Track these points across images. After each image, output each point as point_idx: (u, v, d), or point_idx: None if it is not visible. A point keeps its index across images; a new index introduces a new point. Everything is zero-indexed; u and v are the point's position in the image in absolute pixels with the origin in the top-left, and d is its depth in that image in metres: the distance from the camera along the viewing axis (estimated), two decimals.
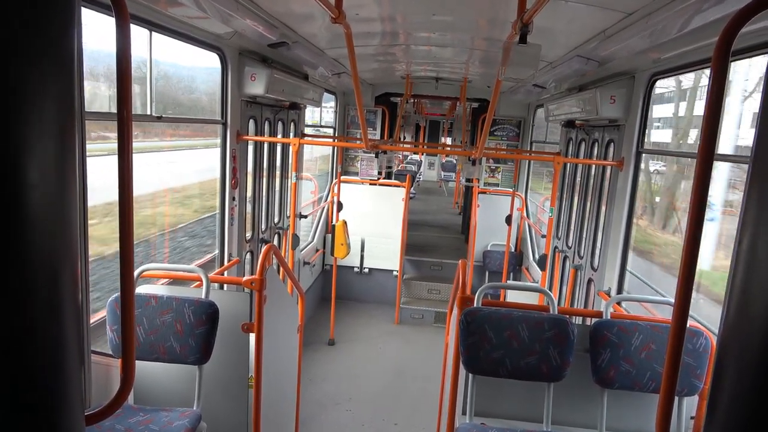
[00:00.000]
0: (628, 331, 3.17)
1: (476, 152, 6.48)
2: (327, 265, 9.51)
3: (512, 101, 9.77)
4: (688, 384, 3.09)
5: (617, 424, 3.39)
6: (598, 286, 5.58)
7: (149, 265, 3.47)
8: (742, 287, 1.19)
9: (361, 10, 4.50)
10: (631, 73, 4.97)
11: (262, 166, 6.45)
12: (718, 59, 1.45)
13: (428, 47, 6.29)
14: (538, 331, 3.20)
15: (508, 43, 3.02)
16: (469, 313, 3.22)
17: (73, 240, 1.21)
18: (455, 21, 4.94)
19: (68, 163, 1.17)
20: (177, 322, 3.19)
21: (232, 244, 5.41)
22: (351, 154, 10.53)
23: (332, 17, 3.28)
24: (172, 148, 18.73)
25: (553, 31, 4.56)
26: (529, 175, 10.04)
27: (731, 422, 1.20)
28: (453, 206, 19.23)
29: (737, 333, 1.19)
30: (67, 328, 1.21)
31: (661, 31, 3.39)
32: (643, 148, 4.93)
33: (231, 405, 3.65)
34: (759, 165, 1.16)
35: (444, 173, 25.50)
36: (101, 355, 3.35)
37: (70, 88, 1.17)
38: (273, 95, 5.51)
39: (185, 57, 10.04)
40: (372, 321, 8.85)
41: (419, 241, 11.43)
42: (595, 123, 6.02)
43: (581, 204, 6.64)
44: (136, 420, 2.99)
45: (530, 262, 8.80)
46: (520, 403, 3.50)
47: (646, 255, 11.26)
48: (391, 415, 5.96)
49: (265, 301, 3.36)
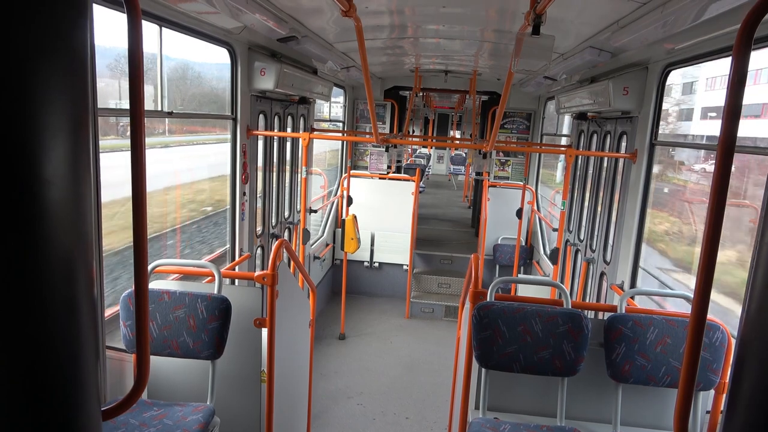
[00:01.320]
0: (643, 325, 3.14)
1: (487, 145, 6.43)
2: (337, 260, 9.52)
3: (522, 94, 9.69)
4: (704, 378, 3.05)
5: (632, 418, 3.36)
6: (610, 280, 5.53)
7: (162, 261, 3.48)
8: (765, 282, 1.16)
9: (371, 3, 4.47)
10: (644, 64, 4.90)
11: (272, 161, 6.45)
12: (739, 47, 1.42)
13: (437, 40, 6.24)
14: (552, 326, 3.17)
15: (521, 34, 2.98)
16: (481, 307, 3.21)
17: (87, 236, 1.21)
18: (465, 13, 4.90)
19: (82, 159, 1.17)
20: (190, 317, 3.20)
21: (243, 239, 5.42)
22: (360, 149, 10.51)
23: (342, 11, 3.26)
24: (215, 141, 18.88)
25: (566, 21, 4.50)
26: (539, 168, 9.97)
27: (752, 416, 1.18)
28: (462, 200, 19.18)
29: (759, 327, 1.17)
30: (83, 323, 1.21)
31: (676, 20, 3.33)
32: (657, 140, 4.86)
33: (244, 399, 3.66)
34: None
35: (453, 167, 25.40)
36: (115, 350, 3.37)
37: (83, 84, 1.17)
38: (282, 90, 5.50)
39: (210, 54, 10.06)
40: (383, 315, 8.86)
41: (429, 235, 11.40)
42: (608, 115, 5.96)
43: (593, 197, 6.58)
44: (150, 415, 3.01)
45: (541, 255, 8.75)
46: (533, 397, 3.48)
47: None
48: (403, 408, 5.97)
49: (277, 296, 3.37)
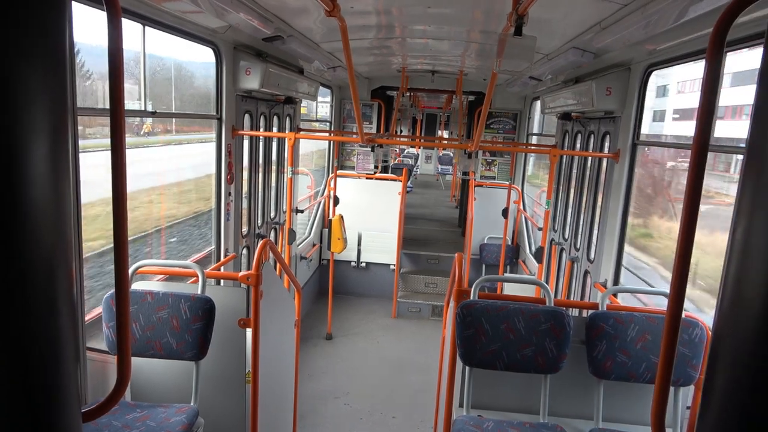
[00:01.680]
0: (624, 323, 3.18)
1: (472, 145, 6.47)
2: (324, 260, 9.51)
3: (508, 94, 9.76)
4: (683, 374, 3.10)
5: (614, 414, 3.40)
6: (594, 278, 5.60)
7: (145, 261, 3.46)
8: (737, 277, 1.19)
9: (356, 3, 4.48)
10: (626, 65, 4.97)
11: (258, 161, 6.43)
12: (712, 50, 1.45)
13: (424, 40, 6.27)
14: (535, 324, 3.21)
15: (503, 35, 3.01)
16: (465, 306, 3.23)
17: (67, 236, 1.21)
18: (451, 13, 4.92)
19: (62, 159, 1.17)
20: (173, 318, 3.19)
21: (229, 240, 5.40)
22: (347, 149, 10.51)
23: (327, 10, 3.27)
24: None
25: (549, 22, 4.54)
26: (525, 168, 10.04)
27: (726, 411, 1.20)
28: (450, 199, 19.24)
29: (732, 322, 1.20)
30: (62, 324, 1.20)
31: (657, 21, 3.38)
32: (639, 140, 4.93)
33: (228, 400, 3.65)
34: (753, 155, 1.16)
35: (441, 166, 25.50)
36: (98, 352, 3.34)
37: (62, 84, 1.16)
38: (268, 89, 5.48)
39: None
40: (370, 315, 8.87)
41: (416, 235, 11.44)
42: (591, 115, 6.02)
43: (577, 196, 6.65)
44: (133, 416, 2.99)
45: (527, 254, 8.81)
46: (516, 394, 3.52)
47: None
48: (390, 408, 5.98)
49: (261, 296, 3.36)
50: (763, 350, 1.11)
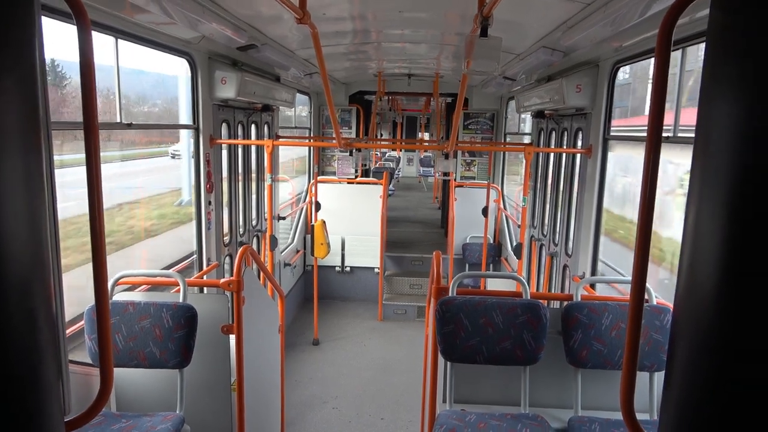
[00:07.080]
0: (598, 312, 3.27)
1: (449, 146, 6.56)
2: (308, 266, 9.52)
3: (485, 94, 9.88)
4: (657, 359, 3.19)
5: (592, 402, 3.49)
6: (572, 272, 5.70)
7: (125, 272, 3.46)
8: (690, 262, 1.26)
9: (329, 10, 4.53)
10: (595, 62, 5.09)
11: (237, 169, 6.44)
12: (660, 48, 1.53)
13: (401, 44, 6.35)
14: (512, 317, 3.28)
15: (470, 37, 3.09)
16: (444, 302, 3.29)
17: (43, 251, 1.23)
18: (425, 17, 5.00)
19: (35, 175, 1.19)
20: (155, 327, 3.20)
21: (210, 249, 5.40)
22: (328, 154, 10.55)
23: (297, 18, 3.31)
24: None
25: (519, 23, 4.65)
26: (504, 167, 10.16)
27: (685, 393, 1.27)
28: (432, 201, 19.34)
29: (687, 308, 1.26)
30: (42, 338, 1.22)
31: (621, 18, 3.49)
32: (610, 135, 5.05)
33: (214, 407, 3.66)
34: (700, 146, 1.24)
35: (423, 169, 25.63)
36: (82, 365, 3.34)
37: (33, 100, 1.18)
38: (244, 98, 5.51)
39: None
40: (356, 319, 8.90)
41: (399, 238, 11.50)
42: (564, 112, 6.15)
43: (554, 192, 6.77)
44: (118, 427, 2.99)
45: (509, 252, 8.92)
46: (498, 387, 3.58)
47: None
48: (378, 410, 6.02)
49: (243, 302, 3.39)
50: (718, 329, 1.18)
